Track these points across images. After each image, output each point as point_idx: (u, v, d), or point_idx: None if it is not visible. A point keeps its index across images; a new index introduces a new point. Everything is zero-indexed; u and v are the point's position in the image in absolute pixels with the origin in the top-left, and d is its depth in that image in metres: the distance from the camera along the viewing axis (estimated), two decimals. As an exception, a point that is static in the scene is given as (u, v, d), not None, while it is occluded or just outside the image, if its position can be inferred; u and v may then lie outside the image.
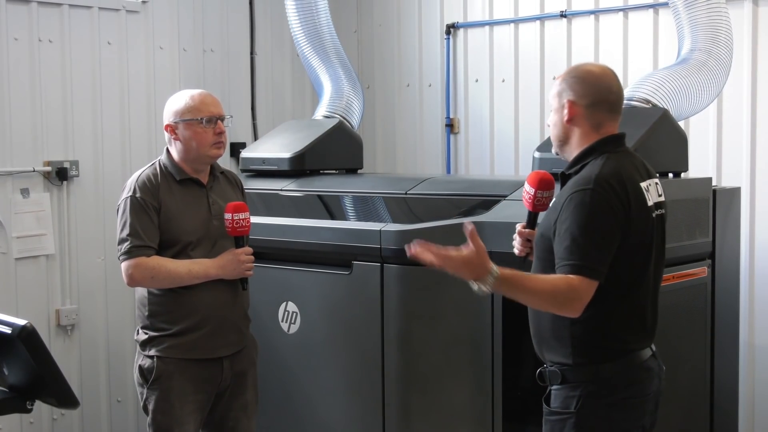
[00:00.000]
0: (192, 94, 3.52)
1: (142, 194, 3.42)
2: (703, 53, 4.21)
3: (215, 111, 3.50)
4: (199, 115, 3.46)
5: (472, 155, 5.80)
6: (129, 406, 5.35)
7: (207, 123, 3.46)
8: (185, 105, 3.48)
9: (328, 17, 5.36)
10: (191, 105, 3.47)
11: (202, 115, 3.46)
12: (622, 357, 2.76)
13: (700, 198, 3.90)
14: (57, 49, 5.04)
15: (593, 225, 2.63)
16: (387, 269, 3.86)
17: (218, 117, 3.49)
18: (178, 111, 3.49)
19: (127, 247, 3.39)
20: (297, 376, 4.24)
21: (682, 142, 4.03)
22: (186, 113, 3.47)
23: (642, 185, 2.76)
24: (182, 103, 3.49)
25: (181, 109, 3.48)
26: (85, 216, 5.16)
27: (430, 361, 3.84)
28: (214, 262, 3.46)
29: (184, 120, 3.46)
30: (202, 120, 3.45)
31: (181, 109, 3.48)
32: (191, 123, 3.45)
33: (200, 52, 5.70)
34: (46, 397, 2.97)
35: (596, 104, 2.80)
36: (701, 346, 3.96)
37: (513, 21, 5.53)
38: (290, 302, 4.21)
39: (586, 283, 2.61)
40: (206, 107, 3.48)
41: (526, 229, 3.04)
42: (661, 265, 2.86)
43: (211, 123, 3.47)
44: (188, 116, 3.46)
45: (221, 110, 3.53)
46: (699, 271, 3.89)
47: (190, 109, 3.47)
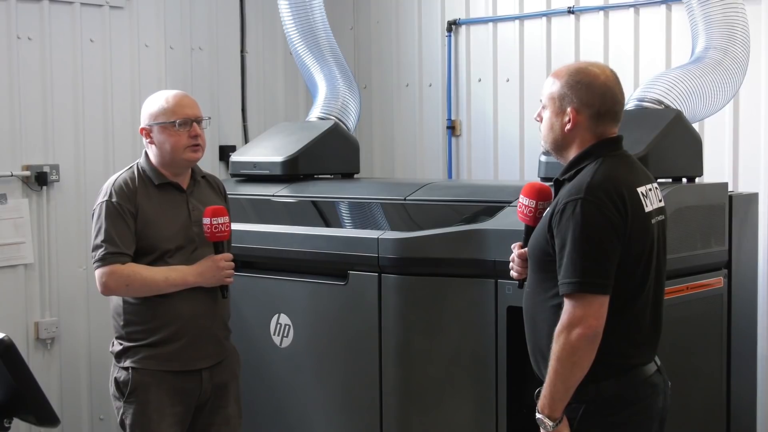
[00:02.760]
0: (167, 95, 3.55)
1: (118, 199, 3.45)
2: (719, 52, 4.22)
3: (190, 113, 3.52)
4: (172, 118, 3.49)
5: (475, 159, 5.80)
6: (112, 423, 5.34)
7: (181, 126, 3.49)
8: (159, 107, 3.51)
9: (323, 13, 5.37)
10: (165, 107, 3.50)
11: (175, 118, 3.49)
12: (625, 373, 2.76)
13: (715, 204, 3.91)
14: (36, 46, 5.05)
15: (588, 237, 2.64)
16: (385, 279, 3.86)
17: (194, 119, 3.51)
18: (152, 114, 3.52)
19: (101, 253, 3.42)
20: (290, 392, 4.24)
21: (697, 146, 4.04)
22: (160, 116, 3.50)
23: (639, 190, 2.76)
24: (156, 106, 3.52)
25: (155, 111, 3.52)
26: (66, 223, 5.16)
27: (430, 377, 3.85)
28: (193, 269, 3.48)
29: (157, 123, 3.50)
30: (176, 123, 3.48)
31: (155, 112, 3.52)
32: (165, 126, 3.49)
33: (188, 50, 5.72)
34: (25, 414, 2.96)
35: (602, 115, 2.80)
36: (717, 361, 3.97)
37: (518, 17, 5.55)
38: (283, 314, 4.21)
39: (588, 299, 2.63)
40: (181, 109, 3.51)
41: (525, 249, 2.99)
42: (662, 275, 2.87)
43: (186, 126, 3.50)
44: (162, 119, 3.50)
45: (198, 112, 3.56)
46: (714, 282, 3.89)
47: (164, 111, 3.50)
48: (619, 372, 2.76)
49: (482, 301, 3.68)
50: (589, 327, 2.63)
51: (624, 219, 2.68)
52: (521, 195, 3.01)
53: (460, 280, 3.74)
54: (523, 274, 3.02)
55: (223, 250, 3.54)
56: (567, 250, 2.65)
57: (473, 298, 3.70)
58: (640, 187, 2.77)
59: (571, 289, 2.64)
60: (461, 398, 3.81)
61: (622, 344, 2.75)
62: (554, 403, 2.69)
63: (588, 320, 2.63)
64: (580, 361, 2.66)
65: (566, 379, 2.67)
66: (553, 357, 2.67)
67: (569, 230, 2.65)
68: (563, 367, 2.66)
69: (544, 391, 2.71)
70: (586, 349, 2.65)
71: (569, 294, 2.65)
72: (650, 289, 2.79)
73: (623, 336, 2.75)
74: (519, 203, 3.02)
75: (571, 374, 2.67)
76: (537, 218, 2.95)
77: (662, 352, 2.93)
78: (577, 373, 2.68)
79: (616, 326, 2.71)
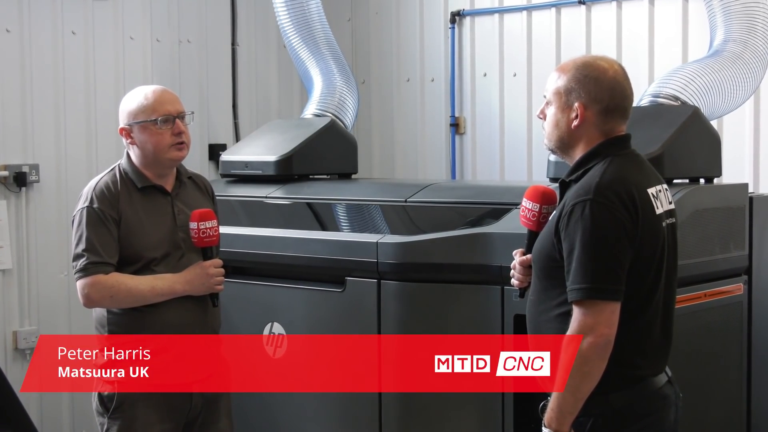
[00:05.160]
0: (146, 92, 3.54)
1: (99, 204, 3.44)
2: (738, 45, 4.23)
3: (172, 109, 3.51)
4: (153, 116, 3.48)
5: (480, 158, 5.81)
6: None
7: (163, 123, 3.48)
8: (138, 105, 3.50)
9: (319, 4, 5.38)
10: (144, 105, 3.49)
11: (156, 115, 3.48)
12: (635, 384, 2.76)
13: (734, 206, 3.91)
14: (15, 39, 5.05)
15: (598, 240, 2.63)
16: (384, 286, 3.86)
17: (176, 115, 3.51)
18: (131, 112, 3.51)
19: (82, 263, 3.40)
20: (284, 406, 4.24)
21: (715, 144, 4.05)
22: (139, 114, 3.49)
23: (650, 191, 2.77)
24: (135, 103, 3.51)
25: (134, 109, 3.51)
26: (47, 226, 5.16)
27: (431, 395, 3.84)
28: (180, 276, 3.47)
29: (137, 122, 3.49)
30: (157, 120, 3.47)
31: (134, 110, 3.50)
32: (146, 125, 3.48)
33: (175, 43, 5.72)
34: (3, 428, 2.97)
35: (610, 110, 2.80)
36: (736, 371, 3.97)
37: (526, 8, 5.56)
38: (276, 323, 4.21)
39: (599, 306, 2.63)
40: (161, 106, 3.50)
41: (527, 255, 2.99)
42: (673, 281, 2.87)
43: (168, 123, 3.49)
44: (142, 117, 3.49)
45: (179, 107, 3.55)
46: (734, 288, 3.90)
47: (144, 109, 3.49)
48: (629, 383, 2.76)
49: (488, 309, 3.67)
50: (600, 335, 2.63)
51: (635, 221, 2.68)
52: (524, 198, 3.00)
53: (464, 287, 3.74)
54: (524, 282, 3.01)
55: (212, 255, 3.53)
56: (576, 255, 2.65)
57: (478, 306, 3.70)
58: (651, 188, 2.78)
59: (581, 296, 2.64)
60: (465, 413, 3.81)
61: (631, 354, 2.75)
62: (562, 417, 2.69)
63: (599, 328, 2.63)
64: (591, 372, 2.66)
65: (576, 391, 2.67)
66: (562, 367, 2.67)
67: (578, 233, 2.65)
68: (573, 378, 2.66)
69: (552, 404, 2.70)
70: (597, 358, 2.64)
71: (579, 301, 2.65)
72: (660, 295, 2.79)
73: (633, 345, 2.75)
74: (522, 207, 3.01)
75: (581, 386, 2.67)
76: (541, 223, 2.95)
77: (678, 363, 2.94)
78: (587, 385, 2.67)
79: (625, 335, 2.71)
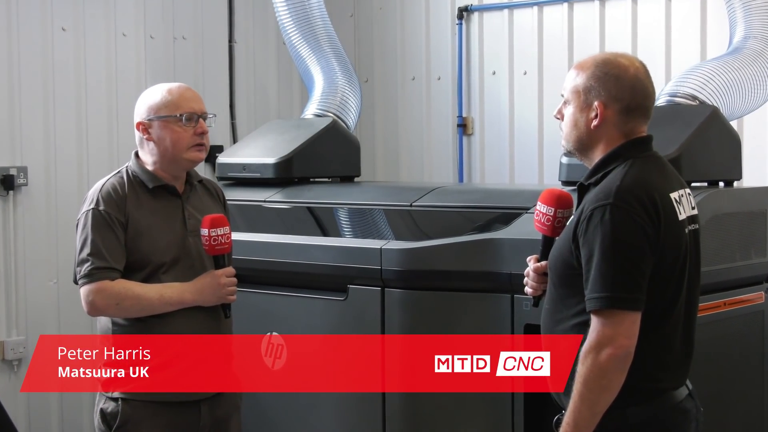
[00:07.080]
0: (170, 87, 3.52)
1: (106, 207, 3.42)
2: (759, 41, 4.23)
3: (197, 107, 3.50)
4: (177, 111, 3.46)
5: (489, 161, 5.81)
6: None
7: (187, 121, 3.47)
8: (162, 99, 3.48)
9: None
10: (169, 100, 3.48)
11: (181, 111, 3.47)
12: (654, 398, 2.76)
13: (755, 211, 3.92)
14: (3, 36, 5.06)
15: (619, 246, 2.63)
16: (388, 294, 3.87)
17: (200, 114, 3.50)
18: (152, 106, 3.49)
19: (88, 269, 3.38)
20: (283, 418, 4.24)
21: (735, 146, 4.05)
22: (162, 109, 3.47)
23: (672, 196, 2.77)
24: (158, 98, 3.49)
25: (156, 104, 3.48)
26: (35, 232, 5.17)
27: (438, 400, 3.85)
28: (191, 285, 3.46)
29: (159, 117, 3.47)
30: (182, 117, 3.46)
31: (156, 104, 3.48)
32: (168, 120, 3.46)
33: (170, 39, 5.73)
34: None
35: (632, 110, 2.80)
36: (757, 383, 3.97)
37: (536, 3, 5.56)
38: (275, 333, 4.22)
39: (619, 316, 2.63)
40: (186, 103, 3.49)
41: (542, 262, 2.99)
42: (696, 289, 2.87)
43: (192, 121, 3.47)
44: (164, 112, 3.47)
45: (203, 107, 3.54)
46: (755, 297, 3.90)
47: (168, 104, 3.47)
48: (648, 397, 2.76)
49: (497, 318, 3.68)
50: (620, 347, 2.63)
51: (657, 227, 2.68)
52: (539, 202, 3.01)
53: (472, 295, 3.74)
54: (538, 291, 3.02)
55: (224, 264, 3.50)
56: (595, 262, 2.65)
57: (487, 315, 3.71)
58: (673, 192, 2.78)
59: (600, 305, 2.64)
60: (473, 424, 3.82)
61: (651, 366, 2.75)
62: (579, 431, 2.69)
63: (619, 339, 2.63)
64: (610, 385, 2.66)
65: (593, 405, 2.67)
66: (579, 380, 2.67)
67: (597, 239, 2.65)
68: (590, 392, 2.66)
69: (567, 418, 2.70)
70: (616, 371, 2.65)
71: (598, 310, 2.65)
72: (682, 305, 2.79)
73: (653, 357, 2.75)
74: (536, 211, 3.01)
75: (599, 399, 2.67)
76: (556, 228, 2.95)
77: (697, 375, 2.94)
78: (605, 398, 2.67)
79: (645, 346, 2.71)
